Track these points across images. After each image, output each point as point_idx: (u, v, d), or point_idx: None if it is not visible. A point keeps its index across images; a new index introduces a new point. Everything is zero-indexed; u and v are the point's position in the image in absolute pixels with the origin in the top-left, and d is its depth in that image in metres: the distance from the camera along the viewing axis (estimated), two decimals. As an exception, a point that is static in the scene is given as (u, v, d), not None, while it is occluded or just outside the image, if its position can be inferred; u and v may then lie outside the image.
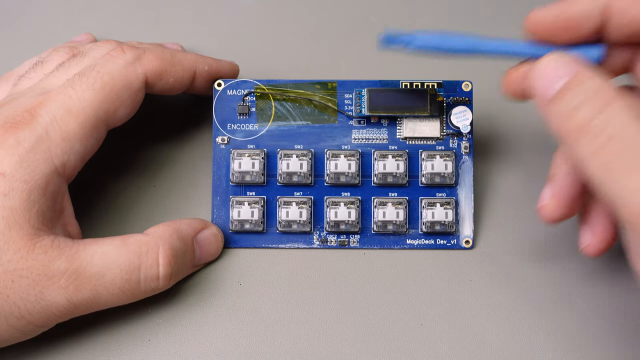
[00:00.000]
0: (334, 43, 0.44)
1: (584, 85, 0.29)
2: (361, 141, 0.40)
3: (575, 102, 0.29)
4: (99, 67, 0.36)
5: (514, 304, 0.39)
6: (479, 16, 0.45)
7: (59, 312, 0.33)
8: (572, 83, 0.30)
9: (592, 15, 0.31)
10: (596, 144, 0.28)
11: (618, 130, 0.28)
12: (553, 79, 0.30)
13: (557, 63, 0.31)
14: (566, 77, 0.30)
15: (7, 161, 0.32)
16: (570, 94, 0.29)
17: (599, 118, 0.28)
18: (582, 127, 0.29)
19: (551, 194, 0.34)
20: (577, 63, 0.30)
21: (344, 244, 0.40)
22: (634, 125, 0.28)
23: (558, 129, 0.30)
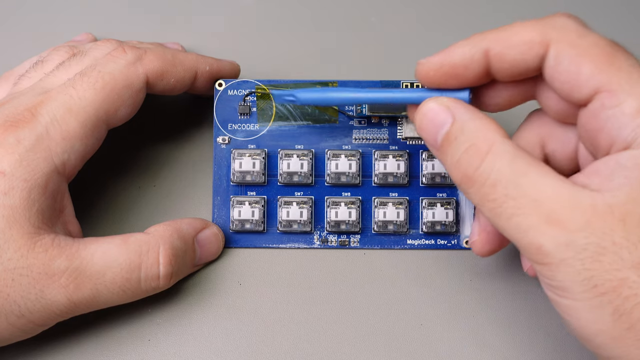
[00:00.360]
0: (335, 43, 0.44)
1: (463, 134, 0.31)
2: (362, 141, 0.40)
3: (458, 154, 0.31)
4: (100, 66, 0.36)
5: (514, 304, 0.39)
6: (478, 14, 0.45)
7: (59, 311, 0.33)
8: (452, 133, 0.31)
9: (474, 61, 0.32)
10: (483, 192, 0.30)
11: (499, 176, 0.29)
12: (435, 127, 0.32)
13: (435, 110, 0.32)
14: (447, 123, 0.31)
15: (7, 160, 0.32)
16: (453, 145, 0.31)
17: (481, 167, 0.30)
18: (469, 177, 0.30)
19: (478, 230, 0.35)
20: (454, 106, 0.31)
21: (345, 244, 0.40)
22: (511, 168, 0.29)
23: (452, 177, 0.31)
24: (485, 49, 0.31)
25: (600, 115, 0.29)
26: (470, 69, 0.32)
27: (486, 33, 0.32)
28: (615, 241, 0.27)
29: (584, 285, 0.28)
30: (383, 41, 0.44)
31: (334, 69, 0.43)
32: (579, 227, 0.28)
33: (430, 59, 0.33)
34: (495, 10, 0.45)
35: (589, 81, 0.29)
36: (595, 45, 0.30)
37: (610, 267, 0.27)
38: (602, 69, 0.29)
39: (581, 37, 0.30)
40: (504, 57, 0.31)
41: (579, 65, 0.30)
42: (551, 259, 0.28)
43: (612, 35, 0.31)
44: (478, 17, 0.45)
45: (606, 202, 0.28)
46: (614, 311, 0.27)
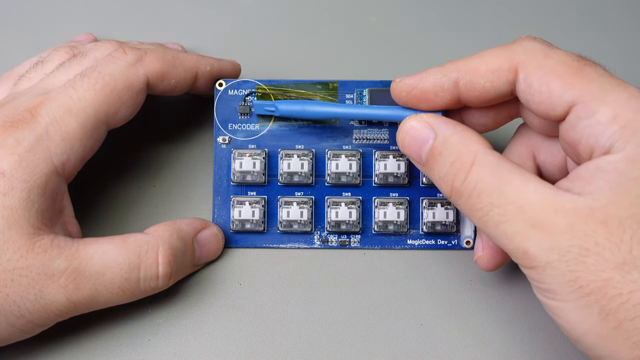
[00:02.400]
0: (335, 43, 0.44)
1: (447, 148, 0.32)
2: (362, 141, 0.40)
3: (444, 168, 0.32)
4: (100, 67, 0.36)
5: (514, 304, 0.39)
6: (478, 14, 0.45)
7: (59, 311, 0.33)
8: (436, 148, 0.32)
9: (444, 90, 0.33)
10: (470, 202, 0.31)
11: (483, 186, 0.30)
12: (419, 144, 0.33)
13: (417, 127, 0.33)
14: (430, 139, 0.32)
15: (7, 160, 0.32)
16: (438, 160, 0.32)
17: (467, 179, 0.31)
18: (456, 190, 0.31)
19: (482, 247, 0.37)
20: (435, 122, 0.33)
21: (345, 244, 0.40)
22: (494, 177, 0.30)
23: (441, 190, 0.33)
24: (455, 79, 0.33)
25: (577, 127, 0.30)
26: (440, 97, 0.33)
27: (457, 62, 0.33)
28: (598, 242, 0.28)
29: (569, 286, 0.28)
30: (383, 41, 0.44)
31: (334, 69, 0.43)
32: (562, 230, 0.28)
33: (403, 80, 0.34)
34: (496, 9, 0.45)
35: (561, 98, 0.30)
36: (561, 62, 0.31)
37: (595, 268, 0.28)
38: (572, 84, 0.30)
39: (547, 57, 0.31)
40: (474, 86, 0.33)
41: (548, 85, 0.31)
42: (537, 263, 0.29)
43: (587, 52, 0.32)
44: (478, 16, 0.45)
45: (588, 205, 0.29)
46: (600, 311, 0.28)
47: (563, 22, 0.45)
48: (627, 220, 0.28)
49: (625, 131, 0.29)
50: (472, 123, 0.35)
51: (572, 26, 0.45)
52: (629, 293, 0.27)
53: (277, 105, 0.38)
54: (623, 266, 0.28)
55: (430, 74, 0.33)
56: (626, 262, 0.28)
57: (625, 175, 0.29)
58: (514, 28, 0.44)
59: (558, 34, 0.44)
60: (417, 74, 0.34)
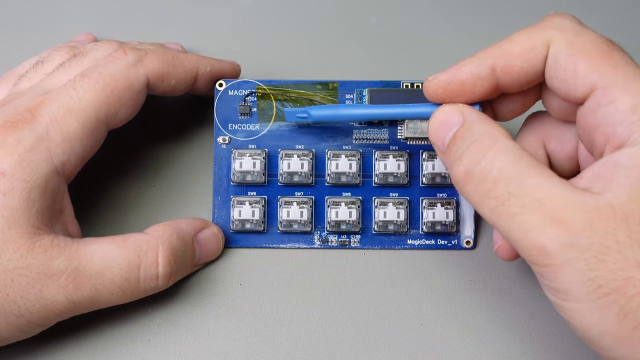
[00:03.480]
0: (335, 43, 0.44)
1: (470, 132, 0.31)
2: (362, 141, 0.40)
3: (461, 149, 0.31)
4: (100, 68, 0.36)
5: (513, 304, 0.39)
6: (478, 13, 0.45)
7: (59, 311, 0.33)
8: (460, 131, 0.31)
9: (482, 78, 0.32)
10: (483, 189, 0.30)
11: (502, 173, 0.29)
12: (446, 129, 0.32)
13: (447, 114, 0.32)
14: (456, 125, 0.31)
15: (7, 160, 0.32)
16: (458, 141, 0.31)
17: (483, 162, 0.30)
18: (469, 172, 0.30)
19: (500, 236, 0.36)
20: (466, 110, 0.32)
21: (345, 244, 0.40)
22: (515, 167, 0.29)
23: (451, 176, 0.31)
24: (492, 65, 0.32)
25: (596, 113, 0.30)
26: (478, 86, 0.32)
27: (490, 48, 0.32)
28: (618, 240, 0.27)
29: (588, 286, 0.27)
30: (383, 41, 0.44)
31: (334, 69, 0.43)
32: (583, 227, 0.28)
33: (437, 77, 0.33)
34: (496, 9, 0.45)
35: (585, 79, 0.30)
36: (591, 43, 0.30)
37: (615, 266, 0.27)
38: (598, 66, 0.30)
39: (578, 35, 0.31)
40: (511, 69, 0.32)
41: (575, 63, 0.30)
42: (554, 260, 0.28)
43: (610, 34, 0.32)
44: (478, 16, 0.45)
45: (608, 202, 0.28)
46: (619, 311, 0.27)
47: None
48: None
49: None
50: (502, 111, 0.35)
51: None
52: None
53: (309, 111, 0.37)
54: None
55: (465, 65, 0.32)
56: None
57: None
58: (514, 28, 0.44)
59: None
60: (450, 68, 0.33)
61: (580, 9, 0.39)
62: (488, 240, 0.40)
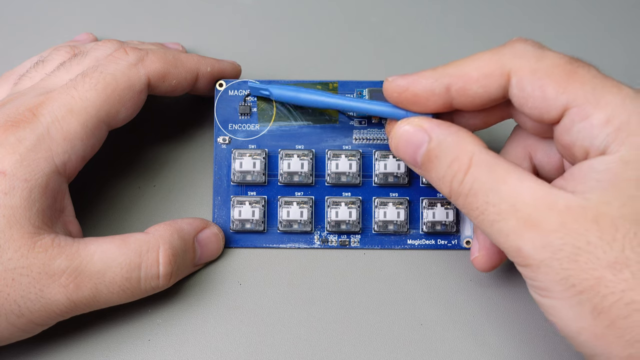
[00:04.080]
0: (335, 43, 0.44)
1: (443, 151, 0.32)
2: (362, 141, 0.40)
3: (442, 170, 0.32)
4: (101, 67, 0.36)
5: (514, 303, 0.39)
6: (478, 13, 0.45)
7: (59, 311, 0.33)
8: (431, 151, 0.32)
9: (436, 95, 0.33)
10: (467, 202, 0.31)
11: (479, 185, 0.31)
12: (413, 148, 0.33)
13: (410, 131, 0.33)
14: (424, 142, 0.32)
15: (8, 160, 0.32)
16: (435, 163, 0.32)
17: (465, 180, 0.31)
18: (454, 190, 0.32)
19: (478, 248, 0.37)
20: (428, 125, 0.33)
21: (345, 244, 0.40)
22: (490, 177, 0.31)
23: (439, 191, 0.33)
24: (447, 84, 0.33)
25: (572, 130, 0.31)
26: (431, 101, 0.33)
27: (448, 67, 0.33)
28: (590, 241, 0.28)
29: (562, 284, 0.29)
30: (383, 41, 0.44)
31: (334, 69, 0.43)
32: (555, 229, 0.29)
33: (395, 81, 0.34)
34: (495, 9, 0.45)
35: (555, 102, 0.31)
36: (554, 65, 0.31)
37: (587, 266, 0.28)
38: (566, 87, 0.30)
39: (539, 60, 0.31)
40: (466, 92, 0.32)
41: (542, 89, 0.31)
42: (531, 261, 0.29)
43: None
44: (478, 16, 0.45)
45: (580, 203, 0.29)
46: (592, 309, 0.28)
47: (561, 20, 0.45)
48: (619, 220, 0.28)
49: (620, 133, 0.29)
50: (462, 123, 0.35)
51: (569, 23, 0.45)
52: (621, 292, 0.28)
53: (271, 89, 0.38)
54: (615, 265, 0.28)
55: (422, 78, 0.33)
56: (618, 261, 0.28)
57: (618, 175, 0.29)
58: (513, 27, 0.44)
59: (556, 32, 0.44)
60: (410, 76, 0.33)
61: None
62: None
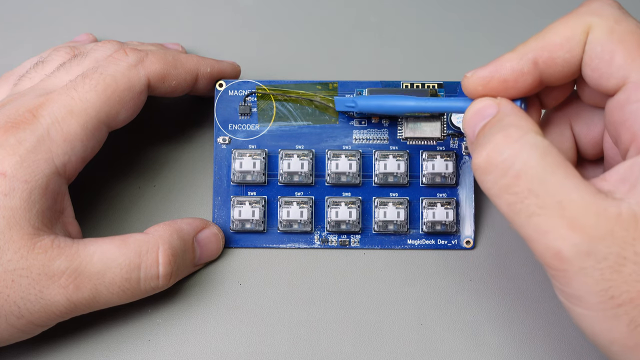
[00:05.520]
0: (335, 43, 0.44)
1: (499, 122, 0.29)
2: (362, 141, 0.40)
3: (487, 137, 0.29)
4: (101, 69, 0.36)
5: (514, 304, 0.39)
6: (478, 13, 0.45)
7: (59, 312, 0.33)
8: (490, 122, 0.30)
9: (525, 74, 0.31)
10: (503, 183, 0.28)
11: (525, 169, 0.28)
12: (478, 120, 0.31)
13: (483, 105, 0.31)
14: (489, 116, 0.30)
15: (8, 161, 0.32)
16: (486, 130, 0.30)
17: (506, 153, 0.28)
18: (490, 161, 0.29)
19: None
20: (503, 102, 0.30)
21: (345, 244, 0.40)
22: (539, 164, 0.28)
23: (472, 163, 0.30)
24: (533, 59, 0.31)
25: (624, 108, 0.29)
26: (521, 82, 0.31)
27: (529, 42, 0.31)
28: (637, 251, 0.26)
29: (600, 295, 0.27)
30: (383, 41, 0.44)
31: (334, 69, 0.43)
32: (602, 236, 0.27)
33: (477, 73, 0.32)
34: (496, 9, 0.45)
35: (618, 70, 0.29)
36: (631, 32, 0.29)
37: (630, 278, 0.26)
38: (634, 58, 0.28)
39: (618, 23, 0.29)
40: (554, 60, 0.30)
41: (611, 53, 0.29)
42: (569, 266, 0.27)
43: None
44: (478, 16, 0.45)
45: (631, 210, 0.27)
46: (630, 322, 0.27)
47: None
48: None
49: None
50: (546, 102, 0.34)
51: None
52: None
53: (357, 100, 0.38)
54: None
55: (506, 61, 0.31)
56: None
57: None
58: (514, 27, 0.44)
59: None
60: (490, 64, 0.31)
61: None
62: (488, 240, 0.40)
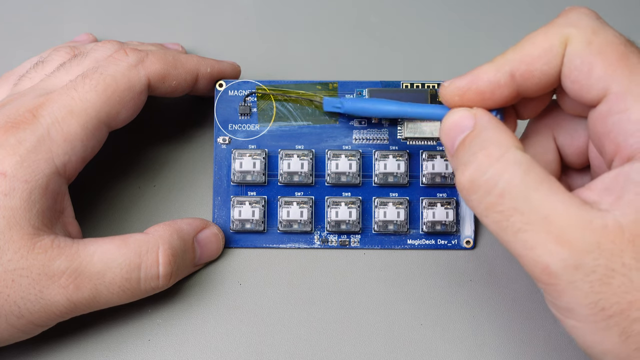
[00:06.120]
0: (335, 43, 0.44)
1: (478, 138, 0.29)
2: (362, 141, 0.40)
3: (467, 155, 0.29)
4: (101, 69, 0.36)
5: (513, 304, 0.39)
6: (478, 13, 0.45)
7: (59, 312, 0.33)
8: (469, 136, 0.30)
9: (501, 86, 0.31)
10: (488, 201, 0.28)
11: (509, 187, 0.28)
12: (456, 132, 0.31)
13: (460, 116, 0.31)
14: (467, 129, 0.30)
15: (8, 161, 0.32)
16: (466, 146, 0.30)
17: (489, 173, 0.28)
18: (473, 181, 0.29)
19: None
20: (480, 114, 0.30)
21: (345, 244, 0.40)
22: (522, 181, 0.28)
23: (456, 182, 0.30)
24: (510, 71, 0.30)
25: (607, 119, 0.29)
26: (497, 94, 0.31)
27: (507, 54, 0.31)
28: (625, 263, 0.27)
29: (590, 308, 0.27)
30: (383, 41, 0.44)
31: (334, 69, 0.43)
32: (589, 249, 0.27)
33: (454, 83, 0.31)
34: (497, 9, 0.45)
35: (598, 82, 0.29)
36: (609, 43, 0.29)
37: (619, 289, 0.27)
38: (614, 69, 0.28)
39: (596, 34, 0.29)
40: (532, 73, 0.30)
41: (590, 65, 0.29)
42: (558, 280, 0.27)
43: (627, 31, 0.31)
44: (478, 16, 0.45)
45: (617, 221, 0.27)
46: (621, 333, 0.27)
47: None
48: None
49: None
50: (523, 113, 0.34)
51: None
52: None
53: (344, 102, 0.38)
54: None
55: (483, 73, 0.31)
56: None
57: None
58: (514, 26, 0.44)
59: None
60: (468, 74, 0.31)
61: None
62: (488, 240, 0.40)
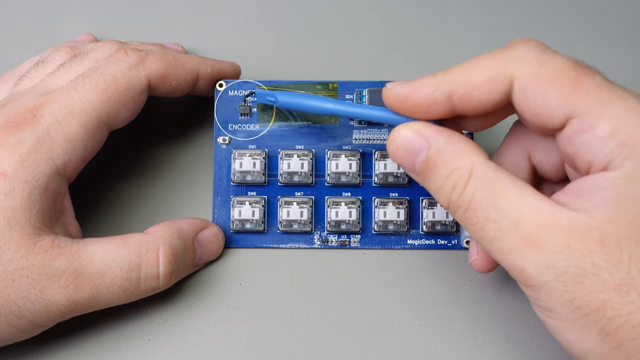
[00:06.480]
0: (335, 43, 0.44)
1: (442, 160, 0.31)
2: (362, 141, 0.40)
3: (440, 181, 0.31)
4: (102, 69, 0.36)
5: (514, 304, 0.39)
6: (478, 13, 0.45)
7: (59, 312, 0.33)
8: (430, 159, 0.31)
9: (438, 103, 0.32)
10: (467, 216, 0.30)
11: (479, 200, 0.30)
12: (411, 155, 0.32)
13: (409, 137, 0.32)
14: (423, 149, 0.31)
15: (9, 161, 0.32)
16: (433, 172, 0.31)
17: (465, 193, 0.30)
18: (453, 203, 0.30)
19: (476, 250, 0.36)
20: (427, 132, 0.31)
21: (345, 244, 0.40)
22: (490, 191, 0.29)
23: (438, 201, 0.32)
24: (449, 92, 0.31)
25: (574, 141, 0.30)
26: (433, 109, 0.32)
27: (449, 73, 0.31)
28: (595, 263, 0.27)
29: (567, 306, 0.28)
30: (383, 41, 0.44)
31: (334, 69, 0.43)
32: (559, 249, 0.28)
33: (394, 89, 0.32)
34: (497, 9, 0.45)
35: (557, 110, 0.29)
36: (558, 72, 0.30)
37: (592, 288, 0.27)
38: (569, 95, 0.29)
39: (543, 65, 0.30)
40: (469, 99, 0.31)
41: (544, 96, 0.30)
42: (534, 282, 0.29)
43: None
44: (478, 16, 0.45)
45: (585, 223, 0.28)
46: (599, 331, 0.28)
47: (563, 20, 0.45)
48: (625, 240, 0.27)
49: (624, 147, 0.28)
50: (466, 126, 0.34)
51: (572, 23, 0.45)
52: (628, 314, 0.27)
53: (277, 95, 0.37)
54: (621, 287, 0.27)
55: (423, 86, 0.32)
56: (624, 283, 0.27)
57: (623, 193, 0.28)
58: (514, 27, 0.44)
59: (558, 32, 0.44)
60: (409, 84, 0.32)
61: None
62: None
